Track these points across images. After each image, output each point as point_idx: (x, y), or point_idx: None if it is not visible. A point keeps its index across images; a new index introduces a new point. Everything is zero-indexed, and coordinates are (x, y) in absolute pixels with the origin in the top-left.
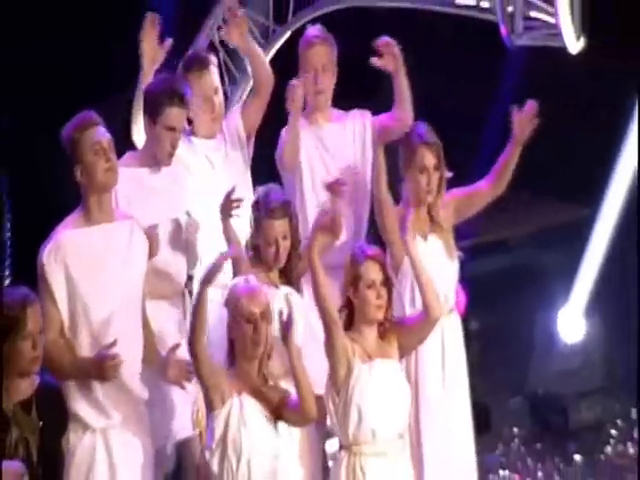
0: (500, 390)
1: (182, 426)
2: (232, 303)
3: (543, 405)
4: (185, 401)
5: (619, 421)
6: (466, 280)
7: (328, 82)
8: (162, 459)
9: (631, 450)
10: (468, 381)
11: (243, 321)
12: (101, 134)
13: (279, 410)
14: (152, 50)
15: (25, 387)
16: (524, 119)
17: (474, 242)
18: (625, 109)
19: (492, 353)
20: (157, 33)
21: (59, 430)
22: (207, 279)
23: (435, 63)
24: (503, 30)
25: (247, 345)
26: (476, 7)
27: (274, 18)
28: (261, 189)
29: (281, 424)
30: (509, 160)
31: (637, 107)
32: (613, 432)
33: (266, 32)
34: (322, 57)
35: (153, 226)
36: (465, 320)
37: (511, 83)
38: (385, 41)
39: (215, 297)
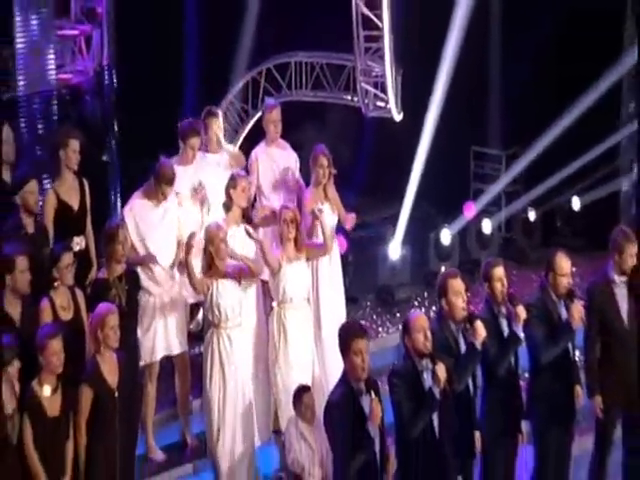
0: (362, 287)
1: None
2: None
3: (381, 292)
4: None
5: (419, 298)
6: (350, 238)
7: (281, 128)
8: None
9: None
10: (345, 287)
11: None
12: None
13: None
14: None
15: (118, 269)
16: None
17: (358, 220)
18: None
19: (358, 270)
20: None
21: (134, 291)
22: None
23: (322, 136)
24: (363, 109)
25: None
26: (351, 100)
27: (251, 104)
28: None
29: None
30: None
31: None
32: (416, 304)
33: (245, 114)
34: (279, 115)
35: (204, 194)
36: (346, 255)
37: (368, 136)
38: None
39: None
